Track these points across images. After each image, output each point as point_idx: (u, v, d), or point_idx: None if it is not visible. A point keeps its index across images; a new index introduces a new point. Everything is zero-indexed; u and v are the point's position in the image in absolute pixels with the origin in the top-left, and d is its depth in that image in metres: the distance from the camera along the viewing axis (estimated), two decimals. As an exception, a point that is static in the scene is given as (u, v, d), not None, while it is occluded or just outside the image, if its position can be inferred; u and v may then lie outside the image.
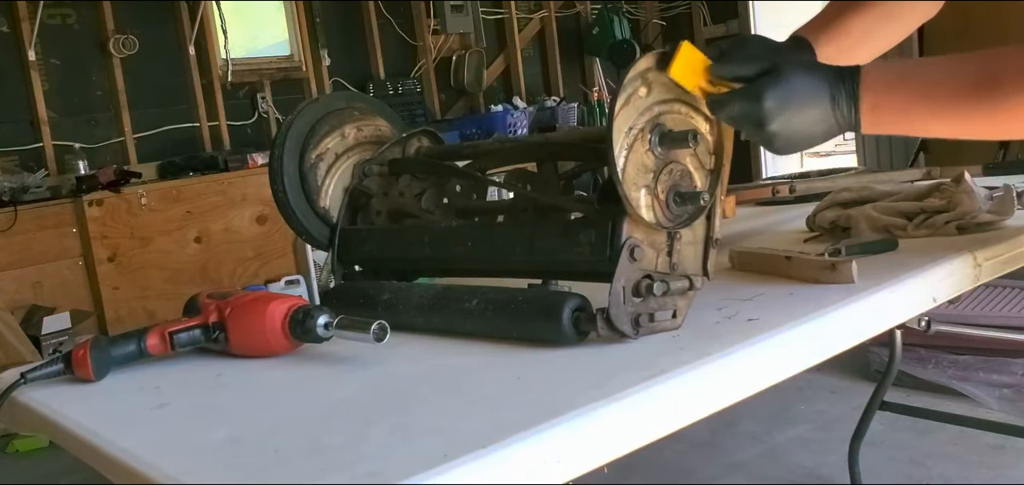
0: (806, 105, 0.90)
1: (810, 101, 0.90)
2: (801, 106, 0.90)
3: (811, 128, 0.91)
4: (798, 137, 0.91)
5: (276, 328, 0.96)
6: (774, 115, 0.89)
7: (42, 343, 3.51)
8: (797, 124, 0.90)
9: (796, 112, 0.90)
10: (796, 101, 0.90)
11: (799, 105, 0.90)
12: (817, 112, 0.90)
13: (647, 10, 6.51)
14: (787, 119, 0.90)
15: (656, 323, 0.88)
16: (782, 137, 0.91)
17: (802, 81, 0.90)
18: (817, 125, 0.91)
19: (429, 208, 1.18)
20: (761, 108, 0.89)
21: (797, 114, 0.90)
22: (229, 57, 4.70)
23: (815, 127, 0.91)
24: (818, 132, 0.92)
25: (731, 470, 2.50)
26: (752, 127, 0.91)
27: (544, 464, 0.67)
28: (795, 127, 0.90)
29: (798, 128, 0.91)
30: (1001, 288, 2.83)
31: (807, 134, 0.92)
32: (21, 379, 0.97)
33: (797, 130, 0.91)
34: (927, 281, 1.02)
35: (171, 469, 0.70)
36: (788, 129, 0.90)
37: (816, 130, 0.92)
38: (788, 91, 0.89)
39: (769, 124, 0.89)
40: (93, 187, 3.91)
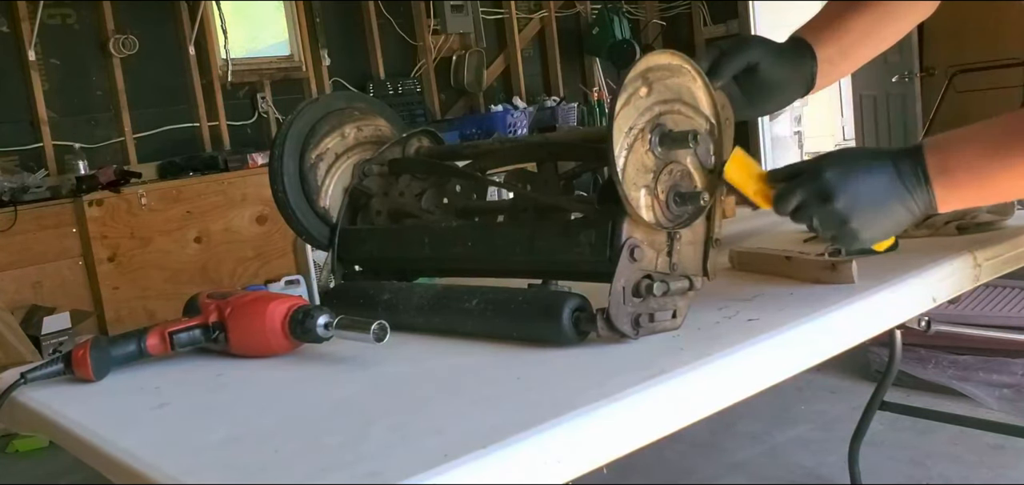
0: (868, 173, 0.88)
1: (871, 169, 0.88)
2: (863, 175, 0.88)
3: (881, 198, 0.88)
4: (871, 209, 0.88)
5: (276, 328, 0.96)
6: (837, 187, 0.87)
7: (42, 343, 3.51)
8: (864, 194, 0.87)
9: (860, 181, 0.87)
10: (856, 170, 0.88)
11: (860, 174, 0.88)
12: (882, 181, 0.88)
13: (647, 10, 6.51)
14: (852, 189, 0.87)
15: (656, 323, 0.88)
16: (857, 211, 0.87)
17: (855, 151, 0.90)
18: (887, 196, 0.88)
19: (429, 208, 1.18)
20: (822, 182, 0.88)
21: (861, 183, 0.87)
22: (229, 57, 4.70)
23: (886, 198, 0.88)
24: (890, 204, 0.88)
25: (731, 470, 2.50)
26: (821, 209, 0.88)
27: (544, 464, 0.67)
28: (864, 197, 0.87)
29: (867, 198, 0.87)
30: (1001, 288, 2.83)
31: (879, 205, 0.88)
32: (21, 379, 0.97)
33: (866, 200, 0.87)
34: (927, 281, 1.02)
35: (171, 469, 0.70)
36: (856, 200, 0.87)
37: (888, 202, 0.88)
38: (844, 158, 0.89)
39: (836, 199, 0.87)
40: (93, 187, 3.91)
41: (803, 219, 0.91)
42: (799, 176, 0.91)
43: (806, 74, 1.07)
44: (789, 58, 1.06)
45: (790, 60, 1.06)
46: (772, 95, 1.05)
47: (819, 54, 1.07)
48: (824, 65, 1.07)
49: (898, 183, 0.88)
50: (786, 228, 1.43)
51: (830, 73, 1.09)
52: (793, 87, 1.06)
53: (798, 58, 1.06)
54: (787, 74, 1.05)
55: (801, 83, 1.07)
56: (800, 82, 1.07)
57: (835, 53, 1.08)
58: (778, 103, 1.07)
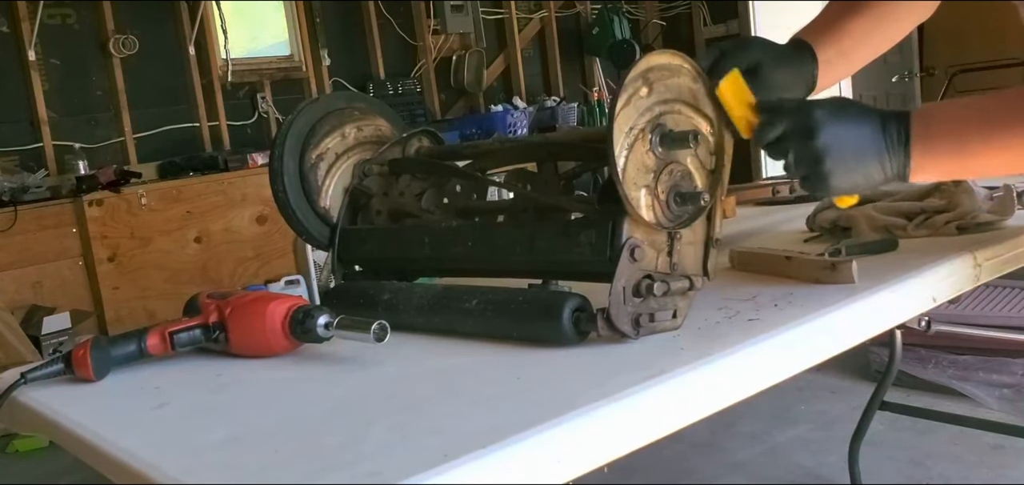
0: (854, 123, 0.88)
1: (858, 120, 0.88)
2: (849, 123, 0.88)
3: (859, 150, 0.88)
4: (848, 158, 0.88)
5: (276, 328, 0.96)
6: (821, 127, 0.87)
7: (42, 343, 3.50)
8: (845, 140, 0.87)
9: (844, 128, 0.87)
10: (843, 117, 0.88)
11: (847, 122, 0.88)
12: (865, 134, 0.88)
13: (647, 10, 6.51)
14: (834, 133, 0.87)
15: (656, 323, 0.88)
16: (833, 154, 0.87)
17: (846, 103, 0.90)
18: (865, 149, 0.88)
19: (429, 208, 1.18)
20: (807, 118, 0.87)
21: (845, 130, 0.87)
22: (229, 57, 4.70)
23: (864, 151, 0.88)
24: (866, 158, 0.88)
25: (731, 470, 2.50)
26: (800, 143, 0.88)
27: (544, 464, 0.67)
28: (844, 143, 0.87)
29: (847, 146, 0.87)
30: (1001, 288, 2.83)
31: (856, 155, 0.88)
32: (21, 379, 0.97)
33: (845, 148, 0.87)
34: (927, 281, 1.02)
35: (171, 469, 0.70)
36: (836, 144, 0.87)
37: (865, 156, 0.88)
38: (835, 103, 0.89)
39: (817, 137, 0.87)
40: (93, 187, 3.91)
41: (780, 152, 0.91)
42: (786, 109, 0.91)
43: (807, 76, 1.07)
44: (790, 60, 1.06)
45: (791, 62, 1.06)
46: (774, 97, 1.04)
47: (819, 56, 1.07)
48: (824, 66, 1.07)
49: (880, 139, 0.88)
50: (786, 228, 1.43)
51: (830, 74, 1.09)
52: (794, 89, 1.06)
53: (799, 60, 1.07)
54: (788, 76, 1.05)
55: (803, 85, 1.07)
56: (801, 84, 1.07)
57: (835, 55, 1.08)
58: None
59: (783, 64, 1.04)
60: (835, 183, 0.89)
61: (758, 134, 0.91)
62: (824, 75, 1.08)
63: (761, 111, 0.92)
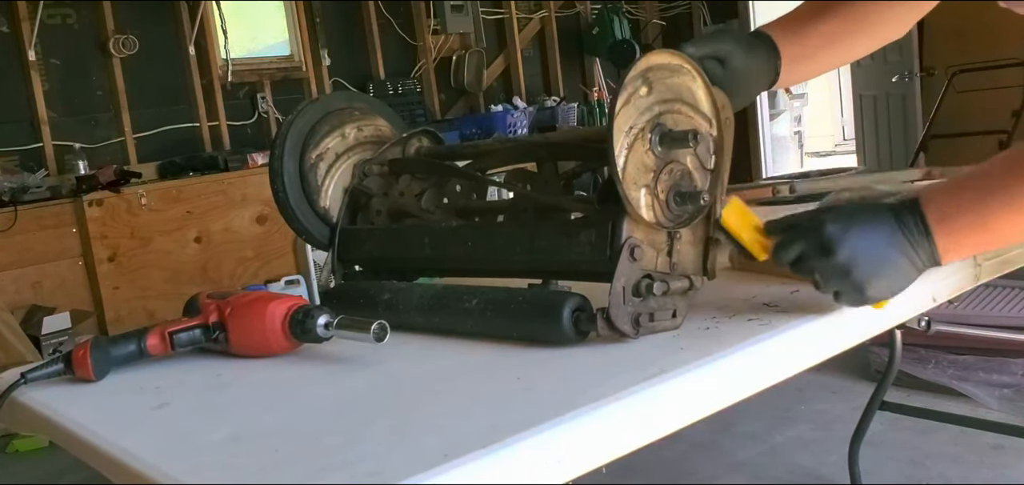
0: (869, 226, 0.86)
1: (872, 221, 0.87)
2: (864, 227, 0.86)
3: (883, 251, 0.86)
4: (875, 263, 0.86)
5: (276, 328, 0.96)
6: (839, 240, 0.85)
7: (42, 343, 3.51)
8: (866, 247, 0.86)
9: (861, 235, 0.86)
10: (857, 222, 0.86)
11: (862, 227, 0.86)
12: (883, 233, 0.86)
13: (647, 10, 6.51)
14: (853, 242, 0.86)
15: (656, 323, 0.88)
16: (860, 265, 0.85)
17: (854, 203, 0.89)
18: (889, 248, 0.86)
19: (429, 208, 1.18)
20: (822, 234, 0.86)
21: (863, 237, 0.86)
22: (229, 57, 4.71)
23: (888, 251, 0.86)
24: (893, 257, 0.86)
25: (731, 470, 2.50)
26: (823, 262, 0.86)
27: (544, 464, 0.67)
28: (866, 250, 0.86)
29: (870, 251, 0.86)
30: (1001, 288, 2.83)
31: (882, 258, 0.86)
32: (21, 379, 0.97)
33: (868, 253, 0.86)
34: (927, 281, 1.02)
35: (171, 469, 0.70)
36: (859, 253, 0.86)
37: (891, 255, 0.86)
38: (847, 214, 0.87)
39: (838, 253, 0.85)
40: (93, 187, 3.91)
41: (804, 271, 0.89)
42: (798, 227, 0.89)
43: (771, 69, 1.08)
44: (757, 53, 1.07)
45: (757, 55, 1.07)
46: (741, 87, 1.05)
47: (783, 52, 1.08)
48: (788, 64, 1.08)
49: (900, 235, 0.86)
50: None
51: (793, 71, 1.09)
52: (759, 80, 1.07)
53: (764, 53, 1.07)
54: (754, 66, 1.06)
55: (766, 78, 1.08)
56: (765, 76, 1.08)
57: (798, 54, 1.09)
58: (747, 96, 1.07)
59: (750, 56, 1.05)
60: (872, 293, 0.87)
61: (778, 257, 0.90)
62: (787, 72, 1.08)
63: (771, 234, 0.91)
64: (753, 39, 1.07)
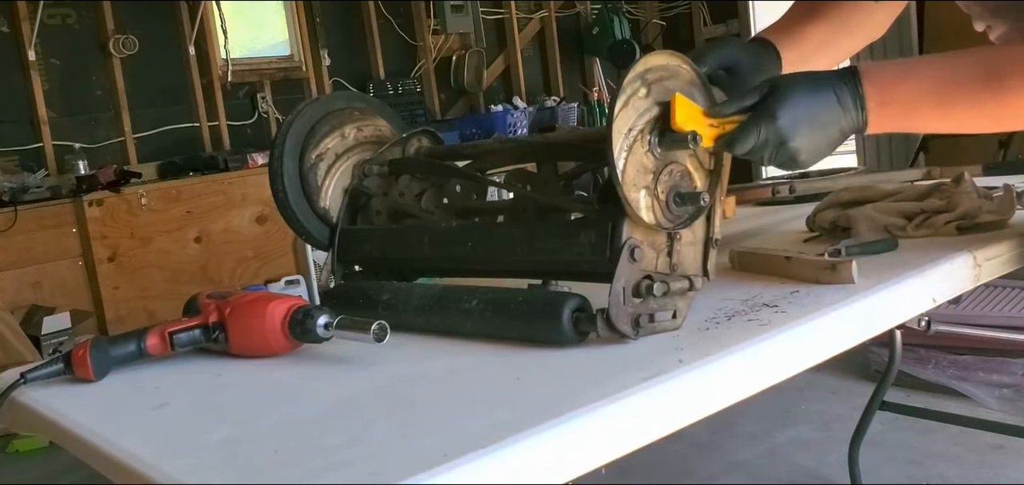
0: (817, 110, 0.90)
1: (819, 106, 0.90)
2: (812, 113, 0.90)
3: (826, 132, 0.91)
4: (817, 144, 0.91)
5: (276, 328, 0.96)
6: (791, 130, 0.89)
7: (42, 343, 3.50)
8: (813, 131, 0.91)
9: (809, 120, 0.90)
10: (806, 109, 0.90)
11: (810, 112, 0.90)
12: (828, 115, 0.91)
13: (647, 10, 6.51)
14: (804, 130, 0.90)
15: (656, 323, 0.88)
16: (804, 149, 0.91)
17: (806, 90, 0.91)
18: (831, 128, 0.91)
19: (429, 208, 1.18)
20: (776, 127, 0.89)
21: (811, 122, 0.90)
22: (229, 57, 4.70)
23: (830, 130, 0.91)
24: (834, 135, 0.92)
25: (731, 470, 2.50)
26: (774, 149, 0.91)
27: (544, 464, 0.67)
28: (812, 135, 0.91)
29: (815, 135, 0.91)
30: (1001, 288, 2.83)
31: (825, 138, 0.92)
32: (21, 379, 0.97)
33: (815, 137, 0.91)
34: (927, 281, 1.02)
35: (171, 469, 0.70)
36: (807, 139, 0.90)
37: (832, 133, 0.92)
38: (796, 103, 0.90)
39: (791, 139, 0.90)
40: (93, 187, 3.91)
41: (755, 157, 0.93)
42: (751, 120, 0.91)
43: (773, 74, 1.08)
44: (760, 59, 1.08)
45: (760, 61, 1.08)
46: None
47: (783, 57, 1.09)
48: (786, 68, 1.10)
49: (836, 106, 0.91)
50: (786, 228, 1.43)
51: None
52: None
53: (766, 59, 1.08)
54: (758, 74, 1.07)
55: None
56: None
57: (796, 59, 1.11)
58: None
59: (754, 64, 1.06)
60: (804, 158, 0.92)
61: (734, 148, 0.92)
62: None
63: (720, 118, 0.92)
64: (758, 47, 1.08)
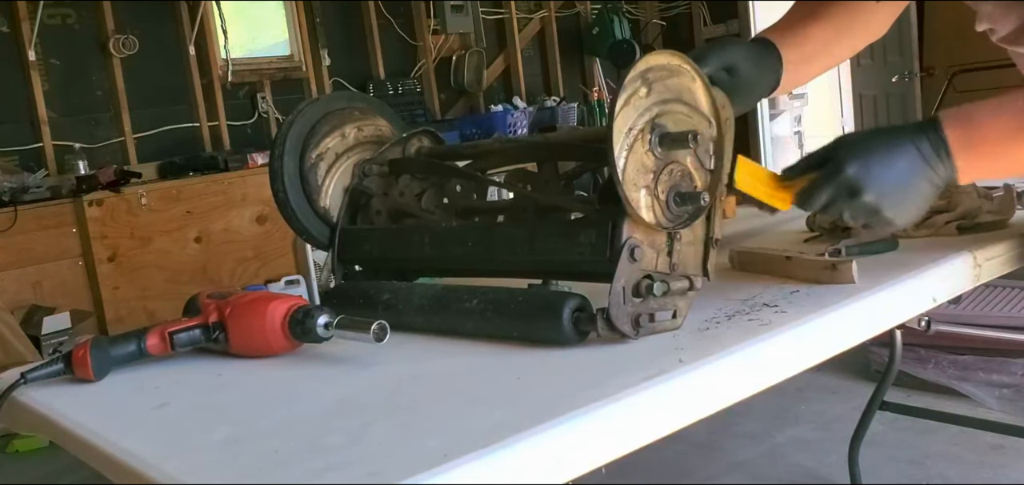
0: (894, 160, 0.87)
1: (897, 156, 0.88)
2: (885, 160, 0.87)
3: (911, 185, 0.88)
4: (903, 197, 0.88)
5: (276, 328, 0.96)
6: (864, 180, 0.87)
7: (42, 343, 3.50)
8: (891, 180, 0.87)
9: (884, 168, 0.87)
10: (877, 157, 0.87)
11: (882, 160, 0.87)
12: (905, 163, 0.87)
13: (647, 10, 6.51)
14: (878, 178, 0.87)
15: (656, 323, 0.88)
16: (887, 203, 0.88)
17: (879, 142, 0.89)
18: (915, 179, 0.88)
19: (429, 208, 1.18)
20: (845, 177, 0.87)
21: (886, 170, 0.87)
22: (229, 57, 4.70)
23: (916, 182, 0.88)
24: (923, 188, 0.88)
25: (731, 470, 2.50)
26: (848, 202, 0.88)
27: (544, 464, 0.67)
28: (891, 183, 0.87)
29: (897, 187, 0.87)
30: (1001, 288, 2.83)
31: (910, 191, 0.88)
32: (21, 379, 0.97)
33: (896, 189, 0.88)
34: (927, 281, 1.02)
35: (171, 469, 0.70)
36: (884, 188, 0.87)
37: (920, 186, 0.88)
38: (866, 153, 0.88)
39: (865, 191, 0.87)
40: (93, 187, 3.91)
41: (834, 214, 0.92)
42: (819, 173, 0.90)
43: (773, 76, 1.09)
44: (760, 60, 1.07)
45: (761, 62, 1.07)
46: (747, 95, 1.06)
47: (785, 58, 1.09)
48: (788, 68, 1.09)
49: (921, 161, 0.88)
50: (786, 228, 1.43)
51: (793, 76, 1.11)
52: (762, 87, 1.08)
53: (768, 60, 1.08)
54: (759, 74, 1.07)
55: (768, 84, 1.09)
56: (768, 83, 1.09)
57: (798, 59, 1.10)
58: (750, 102, 1.09)
59: (756, 64, 1.06)
60: (900, 221, 0.90)
61: (804, 206, 0.92)
62: (788, 77, 1.09)
63: (790, 182, 0.92)
64: (760, 48, 1.08)
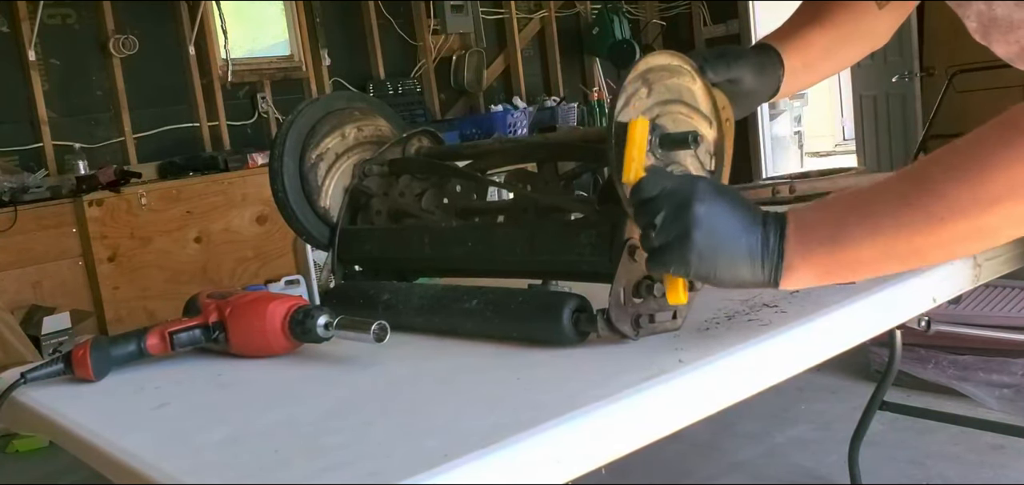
0: (736, 207, 0.79)
1: (741, 204, 0.80)
2: (731, 204, 0.79)
3: (735, 233, 0.78)
4: (721, 239, 0.78)
5: (276, 328, 0.96)
6: (706, 195, 0.78)
7: (42, 343, 3.50)
8: (725, 222, 0.78)
9: (725, 208, 0.79)
10: (726, 198, 0.80)
11: (729, 203, 0.79)
12: (747, 218, 0.79)
13: (647, 10, 6.51)
14: (716, 211, 0.78)
15: (656, 323, 0.88)
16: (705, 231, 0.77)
17: (730, 189, 0.82)
18: (742, 233, 0.78)
19: (429, 208, 1.18)
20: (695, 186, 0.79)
21: (726, 210, 0.79)
22: (229, 57, 4.71)
23: (739, 233, 0.78)
24: (741, 241, 0.78)
25: (731, 470, 2.50)
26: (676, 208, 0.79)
27: (544, 464, 0.67)
28: (722, 224, 0.78)
29: (725, 228, 0.78)
30: (1001, 288, 2.83)
31: (730, 236, 0.78)
32: (21, 379, 0.97)
33: (723, 228, 0.78)
34: (927, 281, 1.02)
35: (171, 469, 0.70)
36: (715, 223, 0.78)
37: (739, 238, 0.78)
38: (719, 187, 0.80)
39: (697, 203, 0.78)
40: (93, 187, 3.91)
41: (650, 212, 0.80)
42: (676, 175, 0.84)
43: (774, 81, 1.09)
44: (763, 67, 1.07)
45: (763, 69, 1.07)
46: (748, 101, 1.06)
47: (786, 63, 1.08)
48: (789, 74, 1.09)
49: (757, 232, 0.78)
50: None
51: (793, 82, 1.11)
52: (763, 93, 1.08)
53: (770, 65, 1.08)
54: (760, 81, 1.07)
55: (769, 90, 1.09)
56: (768, 89, 1.09)
57: (799, 64, 1.10)
58: (749, 108, 1.08)
59: (758, 72, 1.06)
60: (695, 260, 0.78)
61: (639, 185, 0.82)
62: (788, 83, 1.09)
63: (649, 170, 0.84)
64: (763, 57, 1.07)
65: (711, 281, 0.80)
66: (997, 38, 0.96)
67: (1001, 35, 0.95)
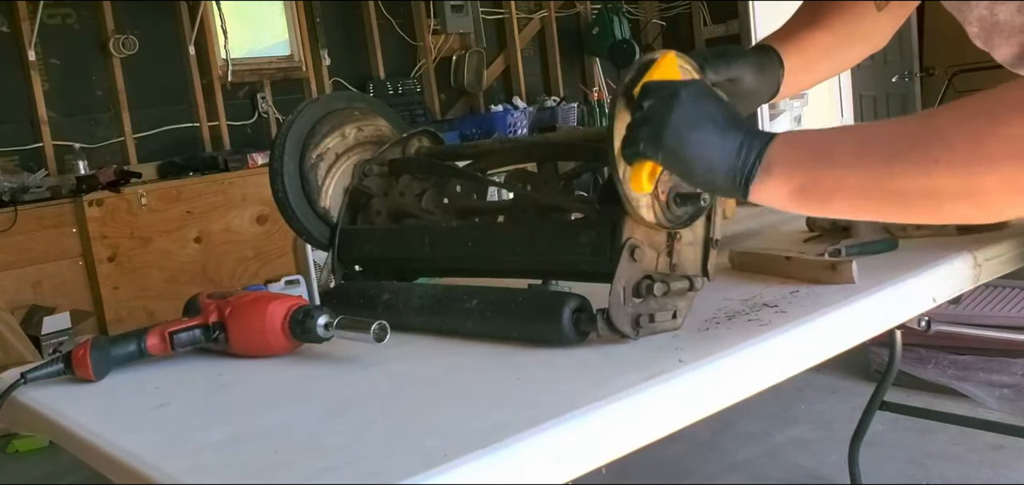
0: (720, 108, 0.79)
1: (726, 109, 0.80)
2: (717, 105, 0.79)
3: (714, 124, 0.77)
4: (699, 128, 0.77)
5: (276, 328, 0.96)
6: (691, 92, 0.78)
7: (42, 343, 3.50)
8: (706, 116, 0.78)
9: (709, 105, 0.79)
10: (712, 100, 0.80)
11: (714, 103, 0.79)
12: (728, 115, 0.78)
13: (647, 10, 6.51)
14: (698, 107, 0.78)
15: (656, 323, 0.88)
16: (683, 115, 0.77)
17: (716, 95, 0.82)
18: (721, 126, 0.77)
19: (429, 208, 1.18)
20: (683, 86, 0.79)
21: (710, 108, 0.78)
22: (229, 57, 4.70)
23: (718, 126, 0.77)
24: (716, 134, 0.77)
25: (731, 470, 2.50)
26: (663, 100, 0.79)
27: (544, 464, 0.67)
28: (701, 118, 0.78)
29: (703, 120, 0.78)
30: (1001, 288, 2.83)
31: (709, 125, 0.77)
32: (21, 379, 0.97)
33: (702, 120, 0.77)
34: (927, 281, 1.02)
35: (171, 469, 0.70)
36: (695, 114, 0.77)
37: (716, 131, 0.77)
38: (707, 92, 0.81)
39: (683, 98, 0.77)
40: (93, 187, 3.91)
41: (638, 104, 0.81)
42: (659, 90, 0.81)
43: (774, 82, 1.09)
44: (763, 68, 1.07)
45: (764, 69, 1.07)
46: (748, 103, 1.06)
47: (786, 64, 1.09)
48: (789, 75, 1.09)
49: (739, 132, 0.77)
50: (786, 228, 1.43)
51: (793, 82, 1.11)
52: (762, 94, 1.08)
53: (770, 66, 1.08)
54: (761, 82, 1.07)
55: (768, 90, 1.09)
56: (768, 89, 1.09)
57: (799, 65, 1.10)
58: (748, 109, 1.08)
59: (759, 73, 1.06)
60: (669, 137, 0.77)
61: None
62: (788, 83, 1.09)
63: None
64: (763, 57, 1.08)
65: (682, 170, 0.78)
66: (999, 43, 0.96)
67: (1003, 39, 0.95)
